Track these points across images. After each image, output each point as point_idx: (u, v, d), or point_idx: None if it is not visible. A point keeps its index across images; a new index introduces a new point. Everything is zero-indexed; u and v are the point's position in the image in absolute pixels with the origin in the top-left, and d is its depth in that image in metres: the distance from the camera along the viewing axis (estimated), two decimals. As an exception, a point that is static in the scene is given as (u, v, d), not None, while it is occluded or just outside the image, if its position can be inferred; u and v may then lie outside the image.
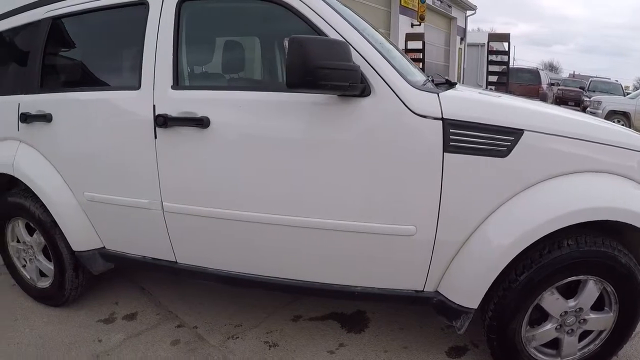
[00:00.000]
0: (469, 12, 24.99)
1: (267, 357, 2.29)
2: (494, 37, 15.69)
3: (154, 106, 2.11)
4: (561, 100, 18.60)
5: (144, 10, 2.18)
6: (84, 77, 2.54)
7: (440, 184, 1.83)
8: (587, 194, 1.84)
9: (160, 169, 2.15)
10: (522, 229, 1.80)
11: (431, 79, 2.34)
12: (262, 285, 2.21)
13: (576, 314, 1.98)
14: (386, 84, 1.83)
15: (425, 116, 1.81)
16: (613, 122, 2.59)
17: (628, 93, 16.10)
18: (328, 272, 2.09)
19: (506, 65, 15.13)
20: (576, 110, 3.46)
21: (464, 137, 1.80)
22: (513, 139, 1.80)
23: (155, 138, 2.12)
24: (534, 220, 1.80)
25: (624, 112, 12.22)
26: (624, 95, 15.58)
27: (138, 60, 2.18)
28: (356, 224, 1.93)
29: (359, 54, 1.84)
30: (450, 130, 1.80)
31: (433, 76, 2.55)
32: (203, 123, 2.01)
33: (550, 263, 1.86)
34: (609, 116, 12.01)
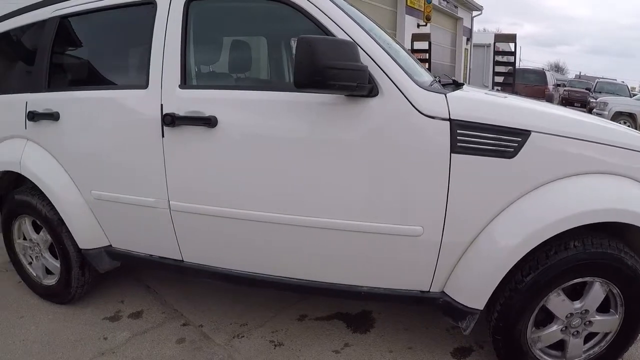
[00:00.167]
0: (475, 13, 24.96)
1: (273, 356, 2.30)
2: (500, 38, 15.62)
3: (162, 105, 2.12)
4: (567, 101, 18.56)
5: (151, 9, 2.19)
6: (91, 76, 2.55)
7: (448, 184, 1.83)
8: (596, 195, 1.83)
9: (167, 167, 2.16)
10: (530, 229, 1.80)
11: (438, 80, 2.33)
12: (270, 284, 2.21)
13: (582, 315, 1.97)
14: (394, 84, 1.83)
15: (432, 117, 1.80)
16: (619, 124, 2.57)
17: (634, 94, 15.98)
18: (335, 272, 2.09)
19: (512, 65, 15.11)
20: (582, 112, 3.45)
21: (471, 138, 1.79)
22: (520, 139, 1.79)
23: (163, 137, 2.13)
24: (542, 220, 1.79)
25: (630, 114, 12.12)
26: (630, 96, 15.47)
27: (145, 59, 2.19)
28: (363, 224, 1.93)
29: (367, 54, 1.84)
30: (457, 130, 1.79)
31: (440, 77, 2.54)
32: (210, 122, 2.01)
33: (557, 264, 1.85)
34: (615, 117, 11.92)
